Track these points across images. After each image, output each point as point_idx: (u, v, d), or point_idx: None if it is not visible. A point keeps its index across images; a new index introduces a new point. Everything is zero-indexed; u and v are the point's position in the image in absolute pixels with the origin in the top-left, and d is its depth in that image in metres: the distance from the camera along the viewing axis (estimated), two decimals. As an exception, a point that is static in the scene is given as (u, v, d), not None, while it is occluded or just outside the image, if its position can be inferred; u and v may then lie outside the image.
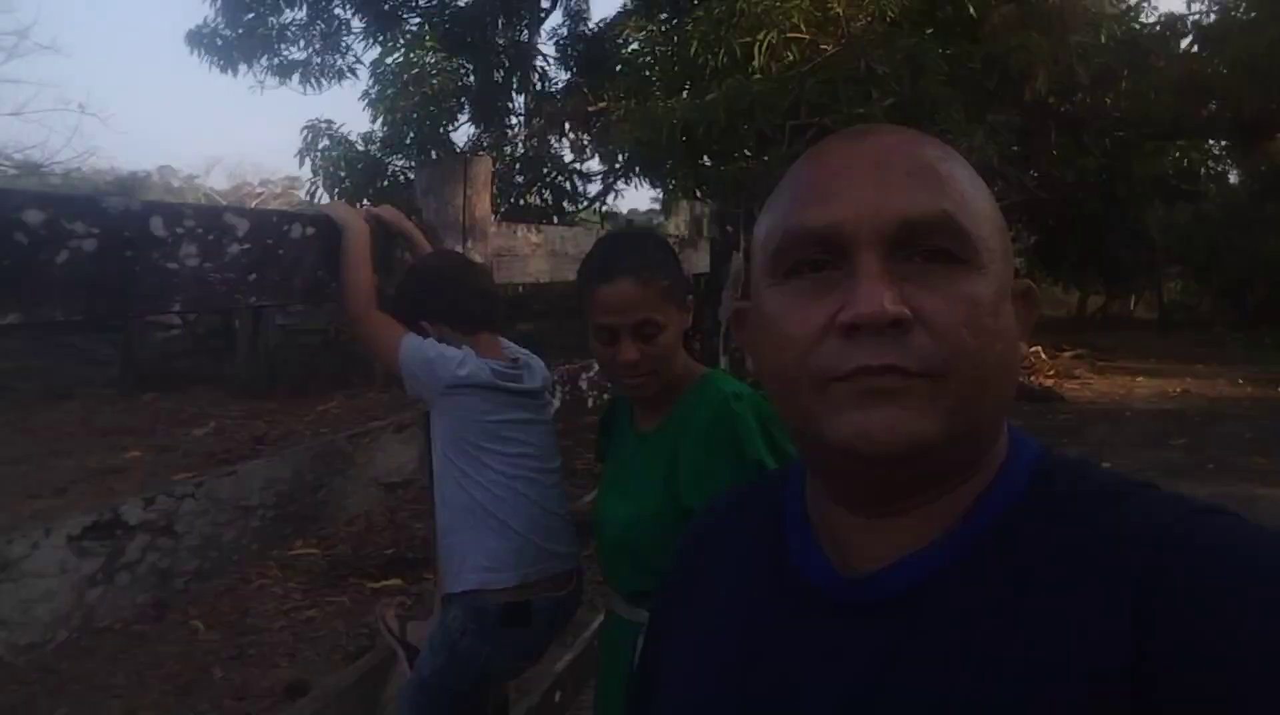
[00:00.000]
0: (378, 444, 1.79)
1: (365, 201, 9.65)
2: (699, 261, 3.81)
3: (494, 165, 2.02)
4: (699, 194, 6.21)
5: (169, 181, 39.08)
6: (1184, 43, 9.34)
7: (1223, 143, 11.13)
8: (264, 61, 10.68)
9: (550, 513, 1.77)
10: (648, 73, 7.77)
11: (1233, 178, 14.87)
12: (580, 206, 10.49)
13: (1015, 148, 7.50)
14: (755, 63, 6.05)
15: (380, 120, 9.41)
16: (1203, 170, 13.46)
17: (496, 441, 1.71)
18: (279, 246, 1.46)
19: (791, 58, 6.17)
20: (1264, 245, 14.63)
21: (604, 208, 10.74)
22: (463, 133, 10.55)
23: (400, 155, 9.85)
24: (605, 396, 1.83)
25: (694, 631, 0.78)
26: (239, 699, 3.63)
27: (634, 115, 6.73)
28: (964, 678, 0.58)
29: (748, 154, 5.99)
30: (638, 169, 6.51)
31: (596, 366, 1.85)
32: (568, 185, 10.12)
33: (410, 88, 8.52)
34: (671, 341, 1.48)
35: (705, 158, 6.67)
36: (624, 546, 1.53)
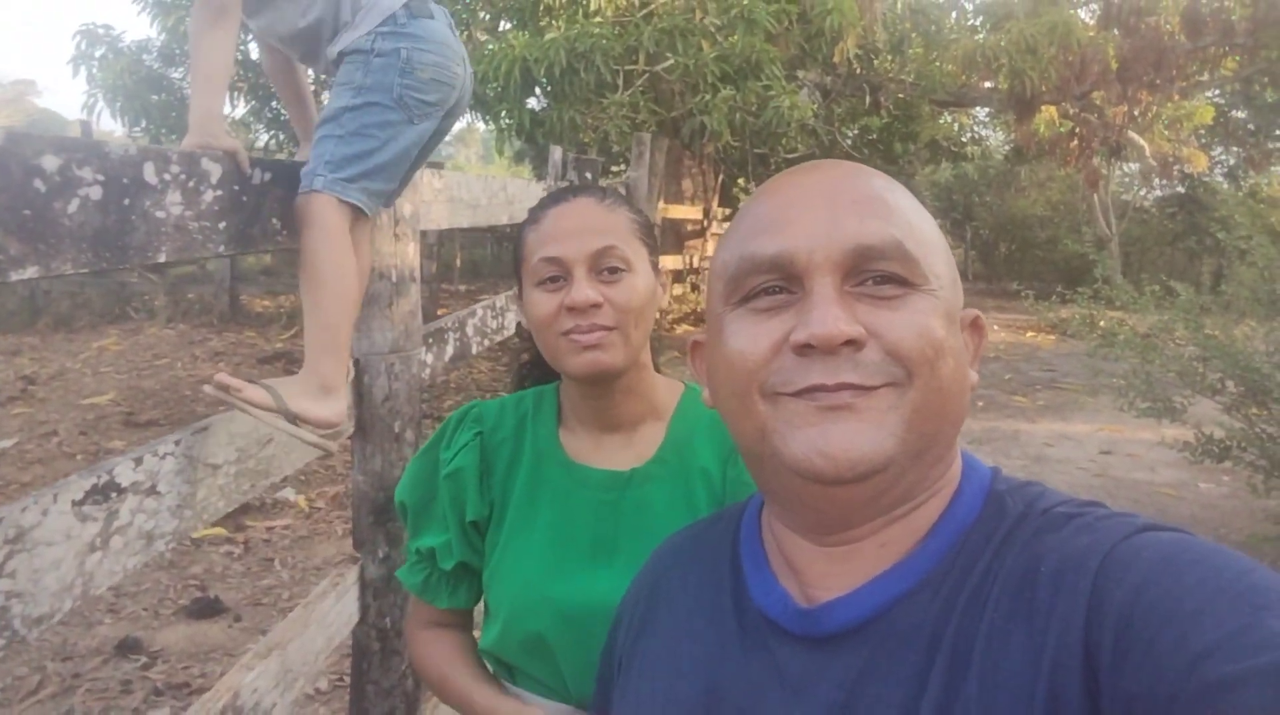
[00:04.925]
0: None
1: (143, 122, 8.75)
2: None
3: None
4: (539, 136, 6.16)
5: None
6: (971, 19, 10.22)
7: (988, 110, 12.29)
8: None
9: None
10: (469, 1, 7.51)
11: (993, 141, 16.44)
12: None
13: (819, 106, 7.95)
14: (592, 4, 6.03)
15: (159, 29, 8.52)
16: (968, 135, 14.85)
17: None
18: (243, 193, 1.39)
19: (627, 2, 6.20)
20: (1013, 205, 16.40)
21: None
22: (255, 47, 9.76)
23: (181, 68, 8.98)
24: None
25: (655, 670, 0.76)
26: (64, 660, 3.37)
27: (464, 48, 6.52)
28: (926, 703, 0.58)
29: (586, 98, 6.00)
30: (470, 104, 6.34)
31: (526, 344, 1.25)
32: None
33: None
34: (643, 298, 1.07)
35: (539, 98, 6.58)
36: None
